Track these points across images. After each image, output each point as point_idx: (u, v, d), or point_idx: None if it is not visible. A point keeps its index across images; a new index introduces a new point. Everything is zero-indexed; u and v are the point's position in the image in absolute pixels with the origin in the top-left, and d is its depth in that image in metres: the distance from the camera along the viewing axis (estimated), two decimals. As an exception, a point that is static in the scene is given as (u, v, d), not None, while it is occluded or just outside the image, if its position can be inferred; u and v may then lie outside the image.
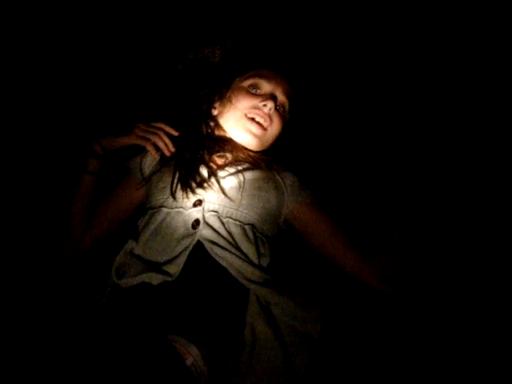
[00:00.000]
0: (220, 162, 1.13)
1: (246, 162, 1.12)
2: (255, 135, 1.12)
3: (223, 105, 1.18)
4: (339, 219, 1.10)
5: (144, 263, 0.96)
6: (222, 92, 1.20)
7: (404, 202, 1.04)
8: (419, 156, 1.05)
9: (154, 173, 1.13)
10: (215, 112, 1.21)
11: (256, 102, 1.12)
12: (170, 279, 0.91)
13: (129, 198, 1.16)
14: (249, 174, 1.08)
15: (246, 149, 1.14)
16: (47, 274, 1.15)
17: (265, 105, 1.11)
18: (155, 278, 0.92)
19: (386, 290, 1.04)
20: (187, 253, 0.94)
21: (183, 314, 0.86)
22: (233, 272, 0.94)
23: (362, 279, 1.05)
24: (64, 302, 1.03)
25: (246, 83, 1.16)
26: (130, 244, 1.01)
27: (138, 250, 0.99)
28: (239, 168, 1.09)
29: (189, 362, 0.75)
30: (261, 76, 1.16)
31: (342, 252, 1.06)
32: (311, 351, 0.94)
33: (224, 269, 0.94)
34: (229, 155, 1.13)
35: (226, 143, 1.15)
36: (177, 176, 1.07)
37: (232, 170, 1.09)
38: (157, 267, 0.94)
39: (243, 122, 1.12)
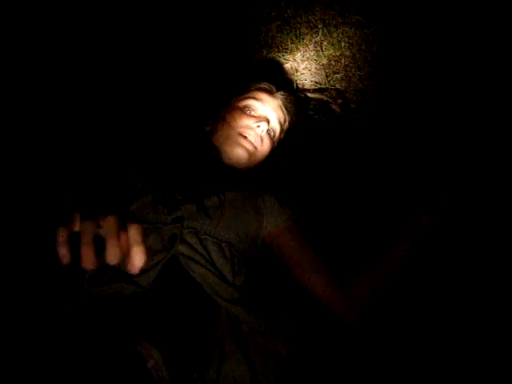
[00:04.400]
0: (202, 180, 1.15)
1: (228, 182, 1.14)
2: (246, 150, 1.16)
3: (216, 122, 1.21)
4: (319, 246, 1.11)
5: (117, 273, 0.95)
6: (216, 110, 1.24)
7: (406, 248, 1.07)
8: (440, 212, 1.09)
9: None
10: (207, 129, 1.24)
11: (250, 122, 1.17)
12: (140, 290, 0.91)
13: None
14: (230, 195, 1.10)
15: (229, 170, 1.17)
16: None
17: (258, 126, 1.16)
18: (126, 289, 0.92)
19: (350, 322, 1.06)
20: (159, 266, 0.94)
21: (151, 322, 0.87)
22: (207, 288, 0.95)
23: (329, 306, 1.06)
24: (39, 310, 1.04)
25: (242, 104, 1.20)
26: None
27: None
28: (221, 188, 1.11)
29: (150, 364, 0.76)
30: (257, 99, 1.21)
31: (312, 277, 1.07)
32: (279, 370, 0.94)
33: (198, 284, 0.95)
34: (211, 175, 1.15)
35: (211, 162, 1.17)
36: (158, 193, 1.07)
37: (214, 189, 1.10)
38: (129, 278, 0.93)
39: (236, 138, 1.16)
